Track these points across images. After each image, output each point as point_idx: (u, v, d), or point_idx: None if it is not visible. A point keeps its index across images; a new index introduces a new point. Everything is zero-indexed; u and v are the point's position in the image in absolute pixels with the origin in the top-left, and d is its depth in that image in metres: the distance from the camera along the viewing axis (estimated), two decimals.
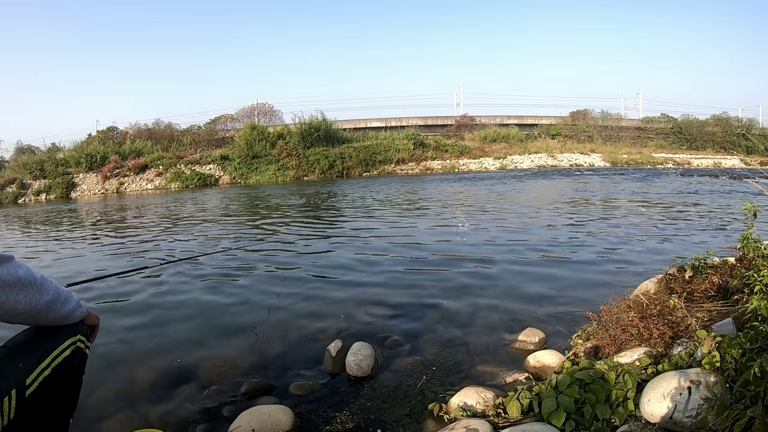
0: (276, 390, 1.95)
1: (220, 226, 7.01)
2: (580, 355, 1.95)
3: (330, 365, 2.12)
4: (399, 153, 22.50)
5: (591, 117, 29.63)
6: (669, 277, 2.24)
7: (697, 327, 1.67)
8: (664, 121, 30.67)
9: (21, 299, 0.97)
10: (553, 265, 3.76)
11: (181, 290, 3.48)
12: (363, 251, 4.57)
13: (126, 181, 21.57)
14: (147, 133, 25.53)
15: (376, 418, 1.70)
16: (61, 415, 1.16)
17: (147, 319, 2.90)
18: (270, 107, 28.72)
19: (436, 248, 4.57)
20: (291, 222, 7.12)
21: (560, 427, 1.39)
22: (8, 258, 0.95)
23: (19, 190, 21.60)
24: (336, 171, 21.56)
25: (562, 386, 1.48)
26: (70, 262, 4.92)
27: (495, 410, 1.57)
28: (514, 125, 28.40)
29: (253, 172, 21.54)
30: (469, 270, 3.70)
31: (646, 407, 1.31)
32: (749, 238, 2.11)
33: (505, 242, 4.75)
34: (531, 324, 2.46)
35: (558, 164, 22.95)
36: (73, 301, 1.15)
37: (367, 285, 3.41)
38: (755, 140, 24.47)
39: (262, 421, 1.60)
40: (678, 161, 23.89)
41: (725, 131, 28.53)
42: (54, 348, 1.09)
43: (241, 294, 3.32)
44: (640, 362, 1.61)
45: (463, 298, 3.02)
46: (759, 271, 1.79)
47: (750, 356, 1.21)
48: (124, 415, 1.80)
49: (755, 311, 1.43)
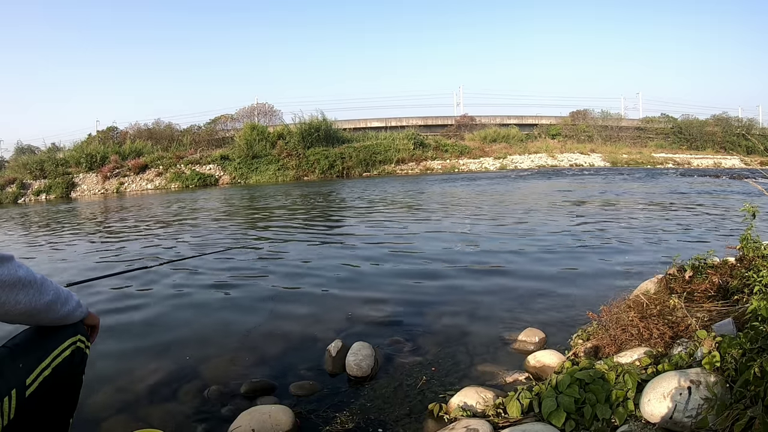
0: (276, 390, 1.95)
1: (220, 226, 7.02)
2: (580, 355, 1.95)
3: (330, 365, 2.12)
4: (399, 153, 22.51)
5: (591, 117, 29.65)
6: (669, 277, 2.24)
7: (697, 327, 1.67)
8: (664, 121, 30.68)
9: (21, 299, 0.97)
10: (552, 265, 3.76)
11: (180, 290, 3.48)
12: (363, 251, 4.57)
13: (126, 181, 21.59)
14: (147, 133, 25.55)
15: (376, 418, 1.70)
16: (61, 415, 1.15)
17: (147, 319, 2.90)
18: (270, 107, 28.77)
19: (436, 248, 4.57)
20: (291, 222, 7.12)
21: (560, 427, 1.39)
22: (8, 258, 0.95)
23: (19, 190, 21.61)
24: (336, 171, 21.56)
25: (562, 386, 1.48)
26: (70, 261, 4.92)
27: (495, 410, 1.57)
28: (514, 125, 28.41)
29: (253, 172, 21.55)
30: (469, 270, 3.70)
31: (646, 407, 1.31)
32: (749, 238, 2.11)
33: (504, 242, 4.75)
34: (531, 324, 2.46)
35: (558, 164, 22.96)
36: (73, 301, 1.15)
37: (367, 285, 3.41)
38: (755, 140, 24.47)
39: (262, 421, 1.61)
40: (678, 161, 23.90)
41: (725, 131, 28.53)
42: (54, 348, 1.09)
43: (241, 294, 3.33)
44: (640, 362, 1.61)
45: (463, 298, 3.02)
46: (759, 271, 1.79)
47: (750, 356, 1.21)
48: (124, 415, 1.80)
49: (755, 311, 1.43)
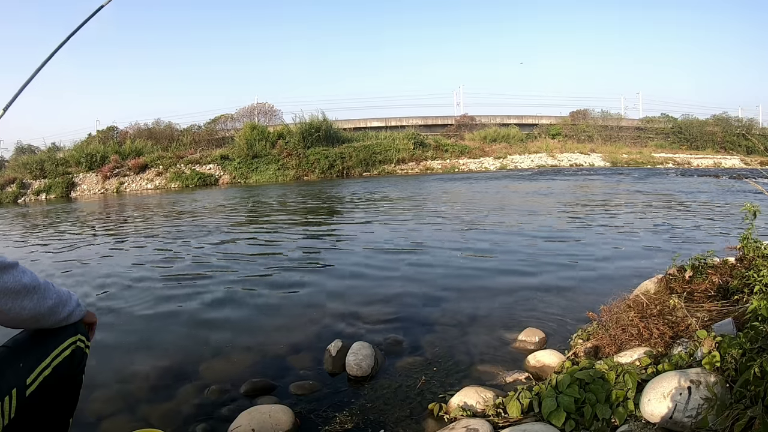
0: (276, 390, 1.95)
1: (220, 226, 7.01)
2: (580, 354, 1.96)
3: (330, 365, 2.12)
4: (399, 153, 22.48)
5: (591, 117, 29.60)
6: (669, 277, 2.24)
7: (697, 327, 1.67)
8: (664, 121, 30.64)
9: (27, 306, 0.98)
10: (552, 264, 3.76)
11: (180, 290, 3.48)
12: (363, 251, 4.57)
13: (126, 180, 21.56)
14: (147, 133, 25.50)
15: (376, 418, 1.70)
16: (61, 414, 1.16)
17: (147, 319, 2.90)
18: (270, 107, 28.71)
19: (436, 248, 4.57)
20: (291, 222, 7.12)
21: (560, 426, 1.39)
22: (13, 265, 0.95)
23: (19, 190, 21.58)
24: (336, 171, 21.54)
25: (562, 386, 1.48)
26: (72, 261, 4.93)
27: (495, 410, 1.57)
28: (514, 125, 28.37)
29: (253, 171, 21.53)
30: (468, 270, 3.70)
31: (646, 407, 1.31)
32: (749, 238, 2.11)
33: (504, 242, 4.75)
34: (531, 324, 2.46)
35: (558, 164, 22.96)
36: (73, 301, 1.15)
37: (367, 285, 3.41)
38: (755, 140, 24.41)
39: (262, 421, 1.61)
40: (678, 161, 23.89)
41: (725, 131, 28.49)
42: (54, 347, 1.09)
43: (241, 294, 3.32)
44: (640, 362, 1.61)
45: (463, 298, 3.02)
46: (759, 271, 1.79)
47: (750, 356, 1.21)
48: (124, 415, 1.81)
49: (755, 311, 1.43)
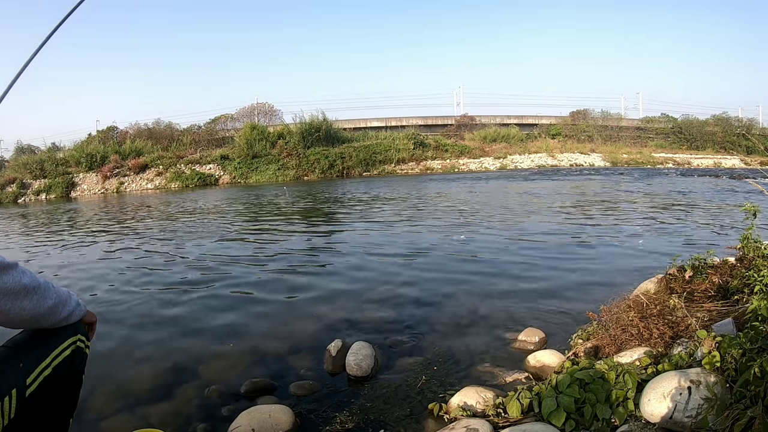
0: (276, 390, 1.95)
1: (220, 227, 7.01)
2: (580, 355, 1.95)
3: (330, 365, 2.12)
4: (399, 153, 22.48)
5: (591, 117, 29.61)
6: (669, 277, 2.24)
7: (697, 327, 1.66)
8: (664, 121, 30.64)
9: (26, 306, 0.97)
10: (552, 265, 3.75)
11: (180, 290, 3.48)
12: (363, 251, 4.57)
13: (126, 180, 21.57)
14: (147, 133, 25.51)
15: (376, 418, 1.70)
16: (61, 414, 1.16)
17: (147, 319, 2.90)
18: (270, 107, 28.71)
19: (436, 248, 4.57)
20: (291, 222, 7.12)
21: (560, 426, 1.39)
22: (12, 265, 0.95)
23: (19, 190, 21.60)
24: (336, 171, 21.55)
25: (562, 386, 1.48)
26: (73, 263, 4.93)
27: (495, 410, 1.57)
28: (514, 125, 28.37)
29: (253, 171, 21.54)
30: (468, 270, 3.70)
31: (646, 407, 1.31)
32: (749, 238, 2.10)
33: (504, 242, 4.75)
34: (531, 324, 2.47)
35: (558, 164, 22.96)
36: (73, 301, 1.15)
37: (367, 285, 3.41)
38: (755, 140, 24.41)
39: (262, 421, 1.61)
40: (678, 161, 23.89)
41: (725, 131, 28.48)
42: (54, 347, 1.09)
43: (241, 294, 3.32)
44: (640, 362, 1.61)
45: (463, 298, 3.02)
46: (759, 271, 1.79)
47: (750, 356, 1.21)
48: (124, 415, 1.80)
49: (755, 311, 1.43)
